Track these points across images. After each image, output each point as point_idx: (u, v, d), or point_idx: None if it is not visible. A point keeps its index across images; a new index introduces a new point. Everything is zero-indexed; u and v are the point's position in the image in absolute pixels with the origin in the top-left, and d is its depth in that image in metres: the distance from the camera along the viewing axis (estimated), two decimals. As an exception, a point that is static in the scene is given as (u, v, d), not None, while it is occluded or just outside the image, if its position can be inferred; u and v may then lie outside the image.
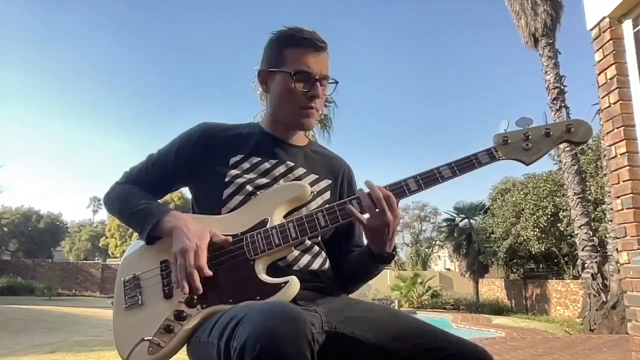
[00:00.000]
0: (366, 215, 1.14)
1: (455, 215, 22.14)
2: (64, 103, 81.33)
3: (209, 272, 1.09)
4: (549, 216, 15.41)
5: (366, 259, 1.24)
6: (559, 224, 15.20)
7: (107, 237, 34.79)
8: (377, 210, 1.11)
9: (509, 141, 1.20)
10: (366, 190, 1.14)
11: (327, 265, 1.28)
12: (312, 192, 1.23)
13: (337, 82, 1.30)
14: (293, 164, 1.29)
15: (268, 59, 1.30)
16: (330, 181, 1.33)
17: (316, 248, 1.26)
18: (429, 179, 1.17)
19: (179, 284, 1.09)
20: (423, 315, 14.72)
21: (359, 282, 1.35)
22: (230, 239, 1.14)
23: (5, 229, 33.33)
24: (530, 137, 1.20)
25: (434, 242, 33.97)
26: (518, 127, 1.21)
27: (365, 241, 1.28)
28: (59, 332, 8.59)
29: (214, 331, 0.97)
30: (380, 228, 1.13)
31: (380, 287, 21.08)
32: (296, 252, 1.20)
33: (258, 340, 0.80)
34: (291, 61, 1.24)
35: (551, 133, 1.20)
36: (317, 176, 1.31)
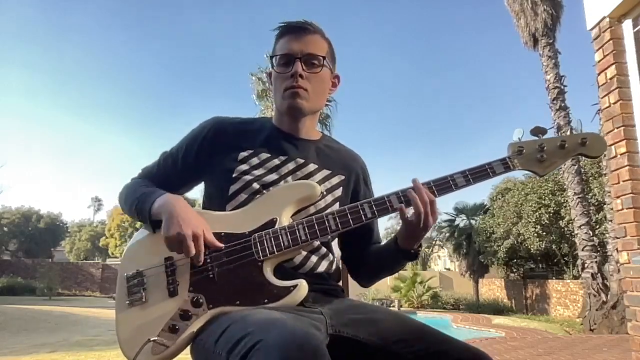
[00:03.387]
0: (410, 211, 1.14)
1: (455, 215, 22.13)
2: (66, 102, 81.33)
3: (220, 245, 1.09)
4: (550, 214, 15.42)
5: (393, 254, 1.24)
6: (560, 221, 15.21)
7: (107, 237, 34.79)
8: (421, 211, 1.11)
9: (524, 151, 1.19)
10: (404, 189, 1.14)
11: (333, 267, 1.27)
12: (322, 192, 1.21)
13: (324, 57, 1.26)
14: (303, 160, 1.26)
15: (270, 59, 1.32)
16: (343, 177, 1.30)
17: (323, 249, 1.25)
18: (443, 186, 1.16)
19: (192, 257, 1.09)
20: (423, 316, 14.73)
21: (381, 276, 1.36)
22: (222, 246, 1.12)
23: (5, 229, 33.32)
24: (545, 148, 1.18)
25: (434, 242, 33.94)
26: (532, 137, 1.20)
27: (381, 239, 1.30)
28: (59, 332, 8.59)
29: (222, 341, 0.95)
30: (421, 227, 1.13)
31: (380, 287, 21.04)
32: (303, 254, 1.19)
33: None
34: (277, 51, 1.26)
35: (566, 145, 1.18)
36: (329, 172, 1.28)
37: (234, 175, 1.21)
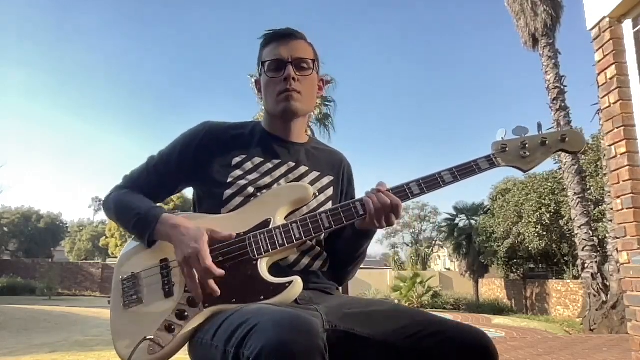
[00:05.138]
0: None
1: (455, 215, 22.14)
2: (66, 102, 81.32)
3: (220, 272, 1.07)
4: (551, 213, 15.44)
5: (351, 237, 1.25)
6: (560, 221, 15.24)
7: (107, 237, 34.80)
8: (381, 216, 1.14)
9: (507, 149, 1.24)
10: (370, 190, 1.16)
11: (327, 266, 1.29)
12: (314, 193, 1.24)
13: (313, 61, 1.31)
14: (295, 163, 1.29)
15: (257, 67, 1.34)
16: (332, 177, 1.35)
17: (317, 248, 1.26)
18: (431, 183, 1.20)
19: (194, 292, 1.08)
20: (423, 315, 14.72)
21: (348, 265, 1.33)
22: (233, 234, 1.13)
23: (5, 229, 33.32)
24: (527, 145, 1.24)
25: (434, 242, 33.98)
26: (515, 136, 1.26)
27: None
28: (59, 332, 8.59)
29: (220, 334, 0.96)
30: (379, 228, 1.17)
31: (380, 287, 21.09)
32: (297, 253, 1.21)
33: (272, 353, 0.80)
34: (265, 57, 1.29)
35: (547, 142, 1.24)
36: (319, 173, 1.32)
37: (228, 180, 1.23)
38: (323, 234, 1.20)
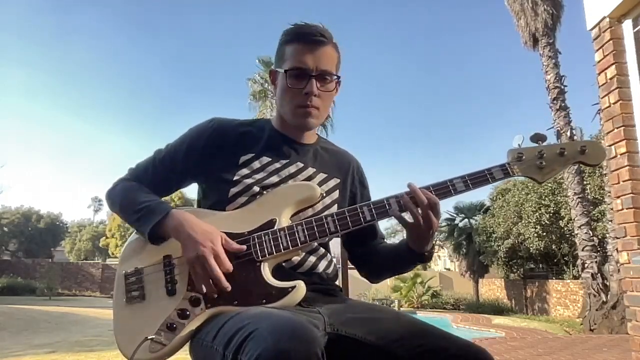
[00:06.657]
0: (407, 216, 1.14)
1: (455, 215, 22.13)
2: (66, 102, 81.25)
3: (241, 247, 1.10)
4: (550, 214, 15.43)
5: (405, 256, 1.24)
6: (560, 221, 15.23)
7: (107, 237, 34.79)
8: (420, 214, 1.11)
9: (523, 158, 1.19)
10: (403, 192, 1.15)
11: (331, 267, 1.27)
12: (321, 193, 1.21)
13: (338, 77, 1.26)
14: (303, 164, 1.26)
15: (275, 58, 1.29)
16: (339, 180, 1.31)
17: (322, 250, 1.25)
18: (442, 191, 1.16)
19: (203, 290, 1.07)
20: (423, 316, 14.72)
21: (391, 275, 1.40)
22: (244, 247, 1.11)
23: (5, 229, 33.32)
24: (544, 155, 1.19)
25: (434, 242, 33.96)
26: (532, 144, 1.21)
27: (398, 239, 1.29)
28: (59, 332, 8.59)
29: (219, 337, 0.96)
30: (424, 230, 1.13)
31: (380, 287, 21.03)
32: (302, 254, 1.19)
33: None
34: (288, 58, 1.22)
35: (565, 153, 1.19)
36: (325, 175, 1.29)
37: (234, 179, 1.20)
38: (328, 238, 1.18)
